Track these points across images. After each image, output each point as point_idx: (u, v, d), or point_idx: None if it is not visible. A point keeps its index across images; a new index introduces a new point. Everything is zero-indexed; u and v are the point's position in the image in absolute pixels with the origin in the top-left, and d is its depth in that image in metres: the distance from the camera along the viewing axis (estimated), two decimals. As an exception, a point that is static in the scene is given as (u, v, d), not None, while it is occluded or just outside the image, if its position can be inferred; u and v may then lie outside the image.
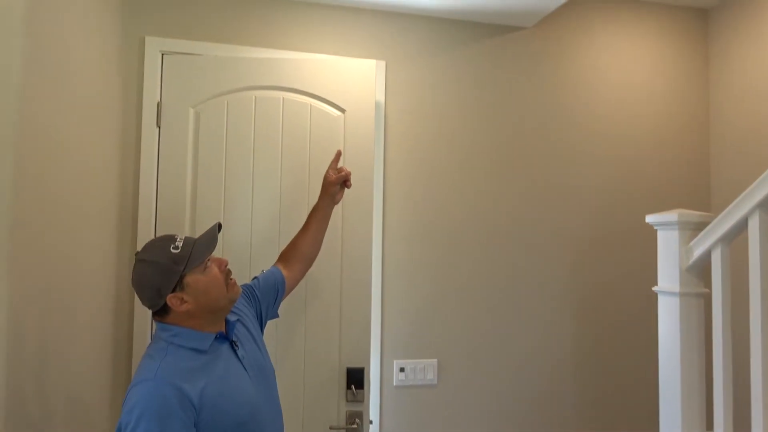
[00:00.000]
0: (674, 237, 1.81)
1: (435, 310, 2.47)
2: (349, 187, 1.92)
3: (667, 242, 1.84)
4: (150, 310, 1.39)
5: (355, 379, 2.14)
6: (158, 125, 2.19)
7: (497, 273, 2.55)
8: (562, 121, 2.66)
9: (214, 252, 1.47)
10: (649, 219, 1.89)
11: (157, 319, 1.38)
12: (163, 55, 2.22)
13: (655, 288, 1.88)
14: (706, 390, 1.78)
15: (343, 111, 2.23)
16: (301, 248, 1.83)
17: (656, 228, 1.89)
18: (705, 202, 2.81)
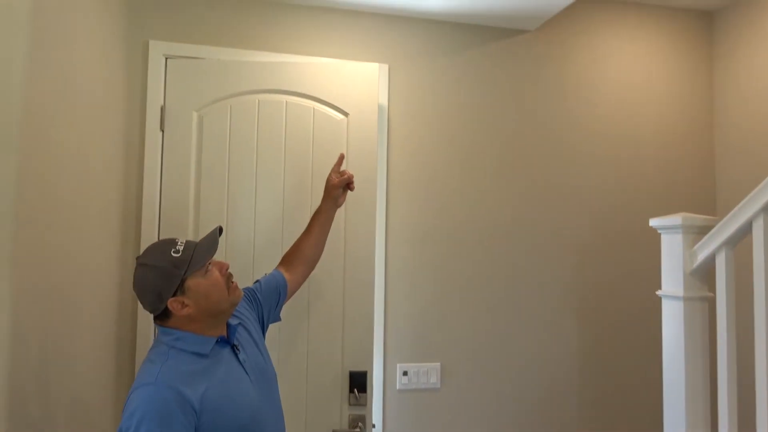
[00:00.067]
0: (678, 241, 1.80)
1: (438, 313, 2.47)
2: (352, 189, 1.92)
3: (670, 246, 1.83)
4: (151, 314, 1.39)
5: (358, 382, 2.14)
6: (162, 129, 2.20)
7: (500, 275, 2.54)
8: (565, 123, 2.65)
9: (216, 255, 1.47)
10: (653, 223, 1.88)
11: (159, 323, 1.39)
12: (166, 58, 2.23)
13: (659, 292, 1.87)
14: (710, 394, 1.77)
15: (346, 114, 2.24)
16: (304, 251, 1.83)
17: (660, 231, 1.88)
18: (710, 205, 2.79)
